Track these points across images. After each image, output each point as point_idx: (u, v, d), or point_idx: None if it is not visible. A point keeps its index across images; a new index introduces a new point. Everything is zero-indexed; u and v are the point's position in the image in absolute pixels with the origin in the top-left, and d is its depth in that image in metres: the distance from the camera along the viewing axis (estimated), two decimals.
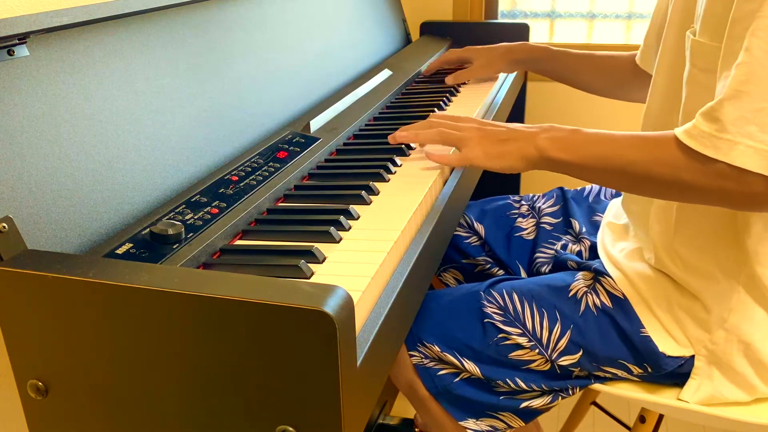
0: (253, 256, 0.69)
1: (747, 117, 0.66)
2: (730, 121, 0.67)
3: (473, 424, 0.93)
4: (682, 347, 0.86)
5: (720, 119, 0.68)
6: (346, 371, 0.52)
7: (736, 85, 0.67)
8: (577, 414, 1.29)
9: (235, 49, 1.01)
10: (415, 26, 1.85)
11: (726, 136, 0.67)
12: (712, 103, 0.69)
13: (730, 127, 0.67)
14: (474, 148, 0.86)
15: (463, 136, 0.87)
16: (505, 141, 0.85)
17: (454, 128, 0.89)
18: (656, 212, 0.88)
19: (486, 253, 1.15)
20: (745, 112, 0.66)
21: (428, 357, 0.94)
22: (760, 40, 0.66)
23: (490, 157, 0.85)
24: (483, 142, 0.86)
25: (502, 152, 0.85)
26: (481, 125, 0.88)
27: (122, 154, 0.76)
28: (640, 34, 1.88)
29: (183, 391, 0.56)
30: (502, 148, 0.85)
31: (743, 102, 0.66)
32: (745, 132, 0.66)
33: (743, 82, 0.66)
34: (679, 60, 0.84)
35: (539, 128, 0.84)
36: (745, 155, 0.67)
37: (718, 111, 0.68)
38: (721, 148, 0.68)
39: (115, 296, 0.55)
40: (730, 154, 0.67)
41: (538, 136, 0.83)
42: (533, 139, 0.83)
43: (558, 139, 0.81)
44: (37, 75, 0.69)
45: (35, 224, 0.64)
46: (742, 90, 0.66)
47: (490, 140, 0.86)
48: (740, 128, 0.66)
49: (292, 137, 0.99)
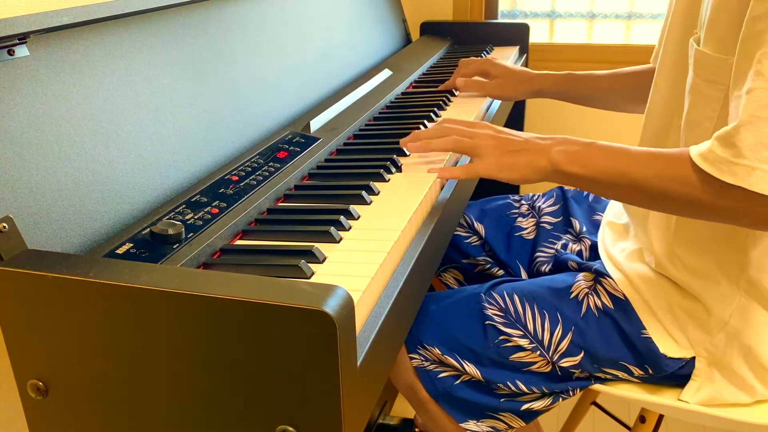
0: (253, 256, 0.69)
1: (764, 143, 0.66)
2: (748, 147, 0.67)
3: (474, 425, 0.93)
4: (683, 349, 0.86)
5: (737, 145, 0.67)
6: (346, 371, 0.52)
7: (752, 111, 0.67)
8: (577, 414, 1.29)
9: (235, 49, 1.01)
10: (415, 26, 1.85)
11: (743, 161, 0.67)
12: (728, 128, 0.69)
13: (747, 152, 0.67)
14: (487, 158, 0.84)
15: (478, 145, 0.85)
16: (518, 152, 0.83)
17: (468, 135, 0.86)
18: (655, 215, 0.88)
19: (486, 252, 1.15)
20: (762, 138, 0.66)
21: (428, 360, 0.93)
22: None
23: (502, 168, 0.83)
24: (496, 152, 0.84)
25: (514, 164, 0.83)
26: (497, 133, 0.86)
27: (122, 154, 0.76)
28: (640, 34, 1.88)
29: (183, 391, 0.56)
30: (515, 160, 0.83)
31: (760, 127, 0.66)
32: (762, 157, 0.66)
33: (760, 107, 0.66)
34: (681, 62, 0.84)
35: (553, 140, 0.82)
36: (764, 181, 0.67)
37: (735, 137, 0.68)
38: (739, 174, 0.68)
39: (115, 296, 0.55)
40: (748, 180, 0.67)
41: (552, 149, 0.81)
42: (547, 152, 0.81)
43: (572, 153, 0.80)
44: (37, 75, 0.69)
45: (35, 224, 0.64)
46: (759, 116, 0.66)
47: (503, 150, 0.84)
48: (758, 154, 0.66)
49: (292, 137, 0.99)
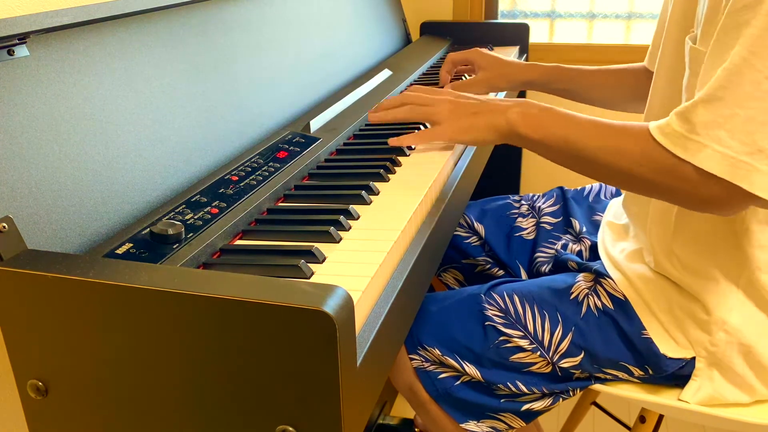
0: (253, 256, 0.69)
1: (718, 122, 0.67)
2: (702, 124, 0.68)
3: (474, 425, 0.93)
4: (683, 349, 0.86)
5: (692, 121, 0.69)
6: (346, 371, 0.52)
7: (713, 90, 0.68)
8: (577, 414, 1.29)
9: (235, 49, 1.01)
10: (415, 26, 1.85)
11: (696, 138, 0.68)
12: (687, 104, 0.70)
13: (701, 129, 0.68)
14: (444, 123, 0.86)
15: (434, 111, 0.87)
16: (476, 114, 0.85)
17: (426, 102, 0.88)
18: (654, 215, 0.88)
19: (486, 253, 1.15)
20: (717, 117, 0.67)
21: (428, 360, 0.93)
22: (743, 49, 0.66)
23: (460, 130, 0.85)
24: (453, 116, 0.85)
25: (473, 125, 0.85)
26: (455, 98, 0.87)
27: (122, 154, 0.76)
28: (640, 34, 1.88)
29: (183, 391, 0.56)
30: (473, 121, 0.85)
31: (717, 107, 0.67)
32: (714, 136, 0.67)
33: (719, 87, 0.67)
34: (678, 63, 0.84)
35: (514, 102, 0.84)
36: (712, 159, 0.67)
37: (692, 112, 0.69)
38: (690, 149, 0.69)
39: (115, 296, 0.55)
40: (697, 156, 0.68)
41: (511, 110, 0.83)
42: (505, 113, 0.83)
43: (528, 116, 0.82)
44: (37, 75, 0.69)
45: (35, 224, 0.64)
46: (718, 95, 0.67)
47: (460, 113, 0.85)
48: (710, 132, 0.67)
49: (292, 137, 0.99)
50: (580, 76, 1.19)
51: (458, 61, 1.28)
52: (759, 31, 0.65)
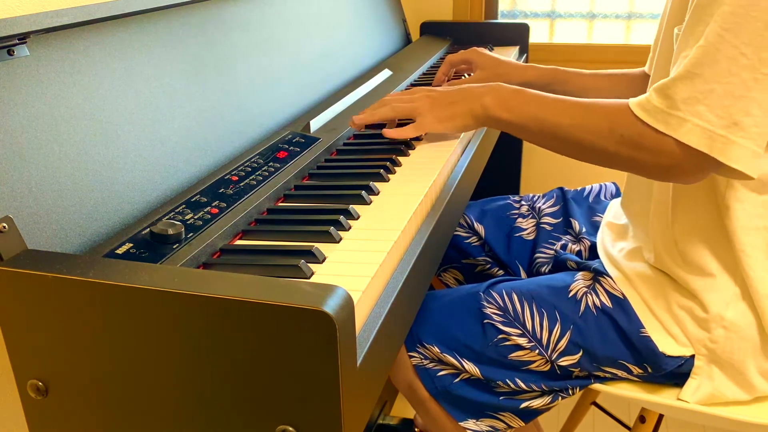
0: (253, 256, 0.69)
1: (697, 97, 0.70)
2: (682, 100, 0.71)
3: (473, 424, 0.93)
4: (682, 347, 0.86)
5: (672, 97, 0.72)
6: (346, 371, 0.52)
7: (691, 67, 0.71)
8: (577, 414, 1.29)
9: (235, 49, 1.01)
10: (415, 26, 1.85)
11: (677, 113, 0.71)
12: (666, 80, 0.73)
13: (681, 105, 0.71)
14: (426, 115, 0.91)
15: (415, 107, 0.92)
16: (455, 103, 0.90)
17: (406, 100, 0.93)
18: (656, 208, 0.88)
19: (486, 253, 1.15)
20: (696, 93, 0.70)
21: (428, 358, 0.94)
22: (717, 26, 0.69)
23: (441, 120, 0.91)
24: (433, 109, 0.91)
25: (452, 114, 0.90)
26: (430, 92, 0.93)
27: (122, 154, 0.77)
28: (640, 34, 1.88)
29: (183, 391, 0.56)
30: (452, 110, 0.90)
31: (695, 83, 0.70)
32: (694, 111, 0.70)
33: (697, 64, 0.70)
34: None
35: (487, 87, 0.89)
36: (692, 133, 0.71)
37: (671, 89, 0.72)
38: (671, 123, 0.72)
39: (115, 296, 0.55)
40: (679, 130, 0.71)
41: (485, 95, 0.87)
42: (480, 98, 0.88)
43: (500, 99, 0.86)
44: (37, 75, 0.69)
45: (35, 224, 0.64)
46: (696, 72, 0.70)
47: (439, 105, 0.91)
48: (690, 107, 0.70)
49: (292, 137, 0.99)
50: (577, 79, 1.20)
51: (456, 62, 1.28)
52: (731, 8, 0.68)
